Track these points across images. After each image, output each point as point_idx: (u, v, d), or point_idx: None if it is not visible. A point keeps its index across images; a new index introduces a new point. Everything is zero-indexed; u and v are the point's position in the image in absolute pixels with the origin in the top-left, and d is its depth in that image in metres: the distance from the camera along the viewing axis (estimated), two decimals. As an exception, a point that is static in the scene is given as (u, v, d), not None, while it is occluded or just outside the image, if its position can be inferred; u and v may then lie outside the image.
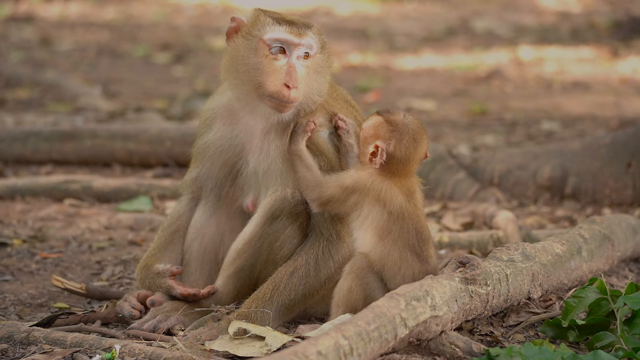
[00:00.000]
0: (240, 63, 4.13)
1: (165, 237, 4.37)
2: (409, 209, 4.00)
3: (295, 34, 4.08)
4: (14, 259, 5.23)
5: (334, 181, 4.05)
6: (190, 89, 10.71)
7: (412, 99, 10.28)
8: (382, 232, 3.97)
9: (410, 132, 4.04)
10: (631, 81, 11.34)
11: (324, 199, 4.04)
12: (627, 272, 4.86)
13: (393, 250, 3.96)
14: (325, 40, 4.22)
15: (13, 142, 7.16)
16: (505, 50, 13.32)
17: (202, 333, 3.94)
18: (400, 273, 3.95)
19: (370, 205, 3.99)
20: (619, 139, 6.32)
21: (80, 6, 17.22)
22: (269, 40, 4.09)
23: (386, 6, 17.79)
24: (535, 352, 3.55)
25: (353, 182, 4.02)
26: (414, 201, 4.04)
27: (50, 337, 3.90)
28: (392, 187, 4.01)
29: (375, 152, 4.03)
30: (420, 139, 4.06)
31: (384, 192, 3.99)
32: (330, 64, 4.25)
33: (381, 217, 3.97)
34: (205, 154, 4.31)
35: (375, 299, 3.62)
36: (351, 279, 3.96)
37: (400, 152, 4.03)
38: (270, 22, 4.11)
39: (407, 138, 4.04)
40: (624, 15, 15.17)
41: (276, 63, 4.08)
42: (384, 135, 4.04)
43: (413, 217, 3.99)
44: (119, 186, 6.44)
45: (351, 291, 3.96)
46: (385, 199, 3.98)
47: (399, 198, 4.00)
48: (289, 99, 4.05)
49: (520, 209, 6.26)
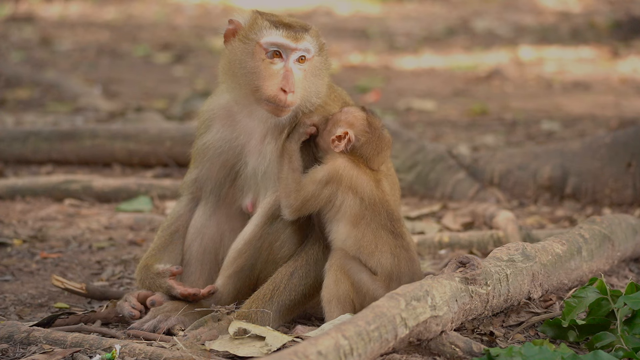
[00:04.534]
0: (238, 66, 4.13)
1: (165, 238, 4.37)
2: (378, 194, 4.14)
3: (292, 39, 4.08)
4: (14, 259, 5.23)
5: (308, 179, 4.12)
6: (190, 89, 10.71)
7: (412, 99, 10.28)
8: (355, 219, 4.08)
9: (382, 140, 4.23)
10: (631, 81, 11.34)
11: (298, 204, 4.10)
12: (627, 272, 4.86)
13: (367, 232, 4.08)
14: (324, 42, 4.22)
15: (13, 142, 7.16)
16: (506, 50, 13.32)
17: (202, 333, 3.94)
18: (377, 250, 4.06)
19: (344, 194, 4.09)
20: (619, 139, 6.32)
21: (80, 6, 17.23)
22: (265, 44, 4.09)
23: (386, 6, 17.79)
24: (535, 352, 3.55)
25: (326, 172, 4.11)
26: (382, 187, 4.18)
27: (50, 337, 3.90)
28: (361, 173, 4.14)
29: (341, 136, 4.15)
30: (384, 150, 4.25)
31: (354, 179, 4.11)
32: (329, 66, 4.24)
33: (354, 204, 4.08)
34: (204, 156, 4.31)
35: (362, 281, 3.76)
36: (334, 272, 4.05)
37: (364, 151, 4.19)
38: (267, 25, 4.10)
39: (377, 143, 4.21)
40: (624, 15, 15.17)
41: (273, 67, 4.08)
42: (358, 129, 4.18)
43: (383, 201, 4.14)
44: (119, 186, 6.44)
45: (337, 281, 4.03)
46: (357, 185, 4.10)
47: (369, 183, 4.13)
48: (286, 103, 4.05)
49: (520, 209, 6.26)
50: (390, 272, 4.04)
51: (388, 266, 4.05)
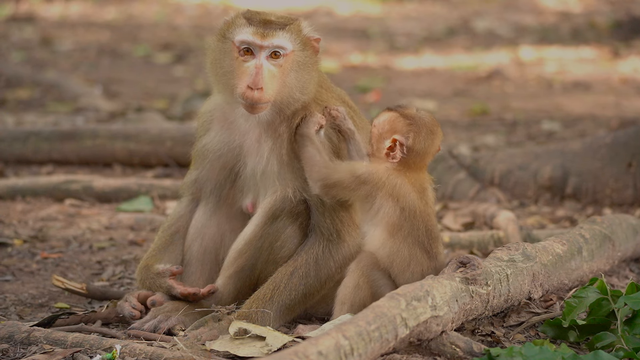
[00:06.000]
0: (218, 66, 4.14)
1: (165, 238, 4.37)
2: (420, 207, 3.99)
3: (259, 36, 4.06)
4: (15, 259, 5.23)
5: (345, 167, 4.02)
6: (190, 89, 10.71)
7: (412, 99, 10.28)
8: (393, 228, 3.95)
9: (428, 125, 4.05)
10: (632, 81, 11.34)
11: (330, 181, 3.99)
12: (628, 272, 4.86)
13: (403, 246, 3.95)
14: (310, 36, 4.16)
15: (14, 142, 7.16)
16: (506, 50, 13.31)
17: (202, 333, 3.94)
18: (409, 269, 3.95)
19: (383, 200, 3.96)
20: (619, 139, 6.31)
21: (80, 6, 17.23)
22: (237, 42, 4.09)
23: (387, 6, 17.78)
24: (535, 352, 3.55)
25: (367, 173, 3.99)
26: (426, 199, 4.03)
27: (50, 337, 3.90)
28: (406, 183, 3.99)
29: (392, 146, 4.01)
30: (436, 131, 4.08)
31: (398, 188, 3.97)
32: (316, 61, 4.18)
33: (393, 213, 3.95)
34: (204, 157, 4.31)
35: (383, 295, 3.60)
36: (358, 276, 3.95)
37: (419, 145, 4.03)
38: (242, 23, 4.10)
39: (425, 131, 4.04)
40: (624, 15, 15.16)
41: (245, 65, 4.08)
42: (402, 129, 4.03)
43: (424, 214, 3.99)
44: (119, 186, 6.44)
45: (358, 288, 3.94)
46: (399, 194, 3.96)
47: (412, 194, 3.99)
48: (253, 100, 4.03)
49: (520, 209, 6.26)
50: None
51: None
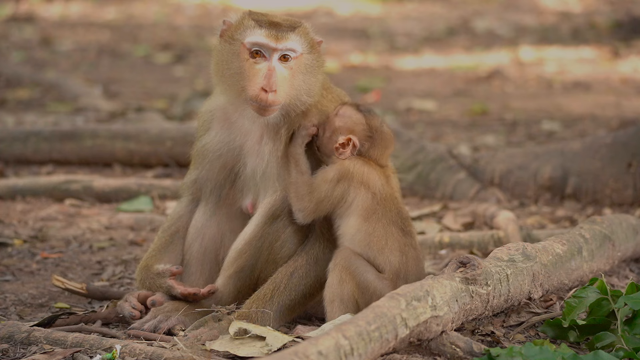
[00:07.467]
0: (225, 67, 4.14)
1: (165, 238, 4.37)
2: (388, 191, 4.16)
3: (273, 38, 4.07)
4: (15, 259, 5.24)
5: (319, 180, 4.12)
6: (190, 89, 10.71)
7: (412, 99, 10.28)
8: (367, 213, 4.09)
9: (385, 140, 4.24)
10: (632, 81, 11.34)
11: (312, 206, 4.09)
12: (628, 272, 4.86)
13: (378, 226, 4.08)
14: (316, 39, 4.19)
15: (14, 142, 7.16)
16: (506, 50, 13.31)
17: (202, 333, 3.94)
18: (387, 246, 4.06)
19: (356, 189, 4.10)
20: (619, 139, 6.31)
21: (80, 6, 17.22)
22: (248, 44, 4.09)
23: (386, 6, 17.78)
24: (535, 352, 3.55)
25: (336, 171, 4.12)
26: (391, 184, 4.21)
27: (50, 337, 3.90)
28: (372, 170, 4.15)
29: (345, 143, 4.15)
30: (390, 146, 4.28)
31: (366, 175, 4.13)
32: (322, 64, 4.22)
33: (366, 198, 4.10)
34: (204, 157, 4.31)
35: (368, 281, 3.74)
36: (339, 271, 4.02)
37: (371, 153, 4.22)
38: (251, 25, 4.10)
39: (381, 145, 4.23)
40: (624, 15, 15.16)
41: (256, 67, 4.08)
42: (360, 134, 4.19)
43: (392, 198, 4.16)
44: (119, 186, 6.44)
45: (343, 281, 4.01)
46: (369, 180, 4.12)
47: (381, 180, 4.15)
48: (267, 102, 4.05)
49: (520, 209, 6.26)
50: (398, 271, 4.04)
51: (396, 264, 4.04)
